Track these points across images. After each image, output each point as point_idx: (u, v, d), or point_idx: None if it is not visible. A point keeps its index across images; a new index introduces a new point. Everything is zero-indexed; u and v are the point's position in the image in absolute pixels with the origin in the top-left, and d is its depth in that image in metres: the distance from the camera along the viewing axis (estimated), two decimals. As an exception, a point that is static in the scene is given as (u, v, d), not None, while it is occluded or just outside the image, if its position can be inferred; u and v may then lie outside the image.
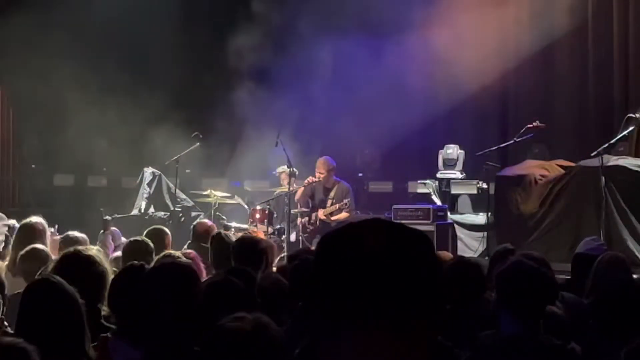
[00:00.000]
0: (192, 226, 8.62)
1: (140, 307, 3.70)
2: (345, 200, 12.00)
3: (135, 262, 4.51)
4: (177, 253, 6.08)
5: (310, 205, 12.29)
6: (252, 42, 15.54)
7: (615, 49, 14.24)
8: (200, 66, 16.09)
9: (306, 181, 12.28)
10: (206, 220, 8.90)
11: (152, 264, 4.82)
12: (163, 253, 5.81)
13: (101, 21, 15.73)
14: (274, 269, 6.57)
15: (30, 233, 6.97)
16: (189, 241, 8.30)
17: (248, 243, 6.43)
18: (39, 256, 5.97)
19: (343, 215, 11.91)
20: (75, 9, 15.08)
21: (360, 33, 14.32)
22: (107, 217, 9.90)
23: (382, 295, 1.48)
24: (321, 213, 11.86)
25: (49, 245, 6.88)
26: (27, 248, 6.17)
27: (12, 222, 7.83)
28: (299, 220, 12.19)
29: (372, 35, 14.80)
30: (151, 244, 6.65)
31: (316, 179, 12.14)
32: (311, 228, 12.03)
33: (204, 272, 6.17)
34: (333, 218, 11.88)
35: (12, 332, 3.94)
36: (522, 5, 14.69)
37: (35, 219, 7.23)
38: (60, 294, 3.70)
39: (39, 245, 6.26)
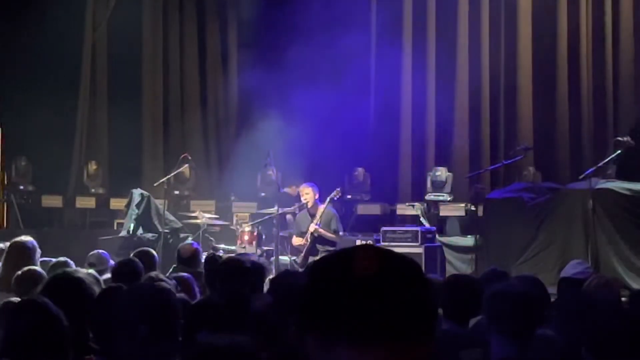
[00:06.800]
0: (177, 250, 8.55)
1: (117, 328, 3.70)
2: (333, 228, 11.95)
3: (113, 284, 4.50)
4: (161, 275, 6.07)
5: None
6: (241, 63, 15.60)
7: (608, 72, 14.35)
8: (189, 86, 16.11)
9: (293, 207, 12.29)
10: (190, 243, 8.83)
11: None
12: (146, 276, 5.80)
13: (91, 42, 15.75)
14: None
15: (21, 252, 6.99)
16: (174, 265, 8.25)
17: (234, 264, 6.41)
18: (35, 277, 6.00)
19: (331, 235, 11.86)
20: (65, 32, 15.08)
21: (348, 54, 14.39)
22: None
23: (375, 320, 1.53)
24: (312, 226, 11.80)
25: (39, 265, 6.88)
26: (24, 269, 6.20)
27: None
28: (294, 241, 12.13)
29: (361, 57, 14.88)
30: (140, 264, 6.63)
31: (304, 202, 12.11)
32: (303, 251, 11.95)
33: (198, 295, 6.15)
34: (321, 231, 11.79)
35: None
36: (516, 30, 14.75)
37: (25, 237, 7.26)
38: (45, 315, 3.71)
39: (35, 267, 6.31)
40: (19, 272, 6.14)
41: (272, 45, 14.79)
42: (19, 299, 5.25)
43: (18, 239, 7.25)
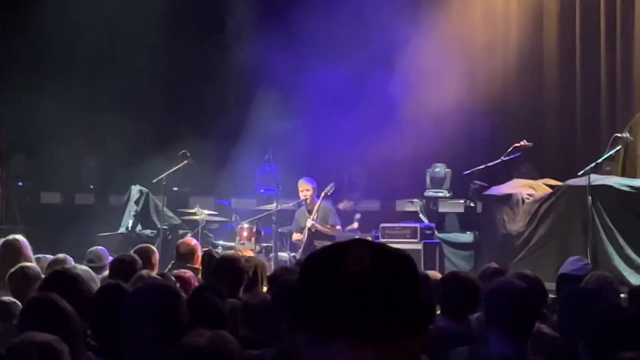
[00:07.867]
0: (175, 246, 8.55)
1: (122, 328, 3.69)
2: (330, 223, 11.96)
3: (112, 281, 4.49)
4: (153, 273, 6.08)
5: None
6: (240, 62, 15.58)
7: (602, 70, 14.32)
8: (188, 84, 16.10)
9: (292, 204, 12.31)
10: (189, 239, 8.82)
11: (132, 284, 4.83)
12: (137, 274, 5.79)
13: (90, 41, 15.73)
14: (265, 288, 6.52)
15: (11, 250, 6.99)
16: (173, 262, 8.25)
17: (227, 261, 6.42)
18: (29, 275, 5.98)
19: (329, 230, 11.87)
20: (63, 30, 15.06)
21: (346, 56, 14.36)
22: None
23: (367, 316, 1.52)
24: (309, 222, 11.81)
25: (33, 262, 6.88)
26: (17, 266, 6.18)
27: None
28: (293, 238, 12.16)
29: (359, 56, 14.85)
30: (139, 261, 6.62)
31: (302, 199, 12.12)
32: (301, 247, 11.97)
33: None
34: (318, 227, 11.80)
35: None
36: (511, 26, 14.75)
37: (14, 236, 7.28)
38: (60, 313, 3.72)
39: (28, 264, 6.29)
40: (12, 270, 6.12)
41: (269, 27, 14.73)
42: (12, 299, 5.25)
43: (7, 237, 7.29)
